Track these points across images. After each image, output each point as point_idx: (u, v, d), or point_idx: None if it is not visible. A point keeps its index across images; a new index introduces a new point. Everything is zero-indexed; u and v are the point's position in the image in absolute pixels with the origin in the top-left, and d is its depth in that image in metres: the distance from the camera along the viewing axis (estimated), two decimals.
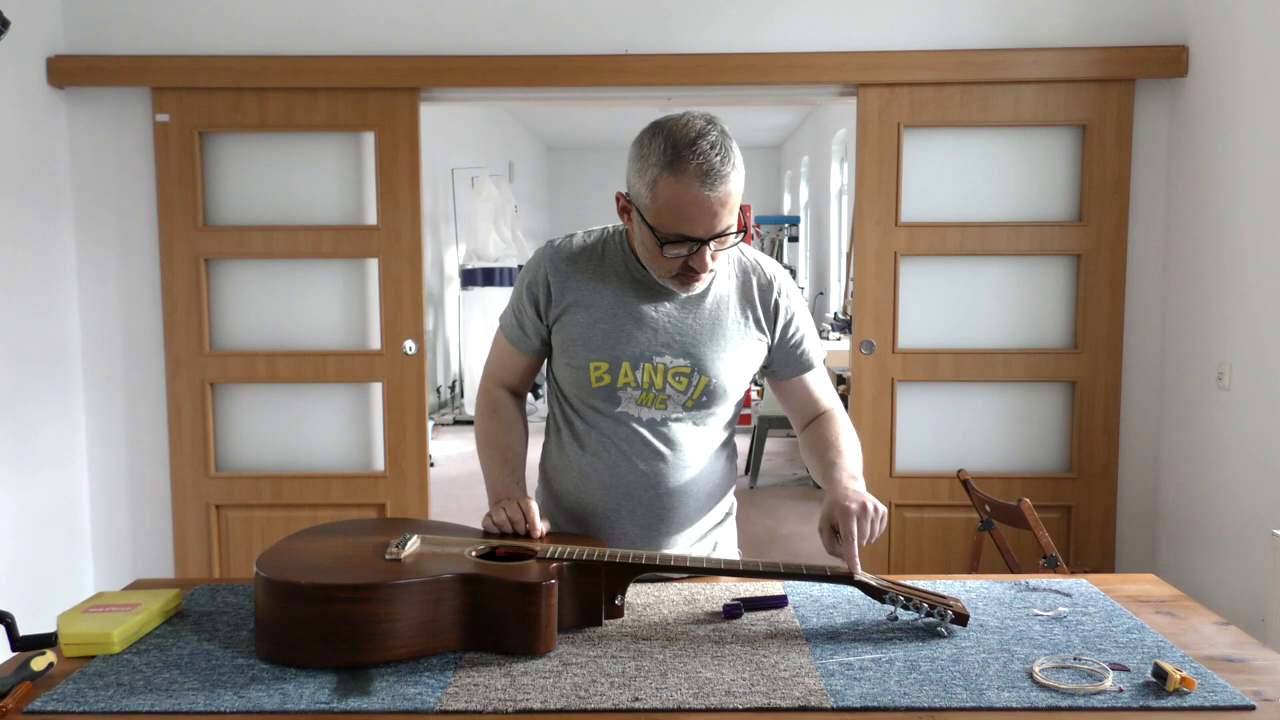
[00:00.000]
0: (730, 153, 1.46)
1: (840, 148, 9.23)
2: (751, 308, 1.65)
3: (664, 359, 1.60)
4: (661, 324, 1.60)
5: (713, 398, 1.63)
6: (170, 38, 3.48)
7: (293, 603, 1.28)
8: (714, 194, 1.44)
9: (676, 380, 1.60)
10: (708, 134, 1.45)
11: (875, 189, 3.53)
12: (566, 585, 1.38)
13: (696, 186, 1.43)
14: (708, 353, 1.61)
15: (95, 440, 3.64)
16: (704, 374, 1.60)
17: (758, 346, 1.66)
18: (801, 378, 1.72)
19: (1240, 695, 1.19)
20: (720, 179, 1.44)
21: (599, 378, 1.60)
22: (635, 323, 1.60)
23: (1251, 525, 2.99)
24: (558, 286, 1.63)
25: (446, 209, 8.77)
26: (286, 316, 3.66)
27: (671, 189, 1.45)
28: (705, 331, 1.61)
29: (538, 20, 3.49)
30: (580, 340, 1.61)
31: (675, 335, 1.60)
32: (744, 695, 1.20)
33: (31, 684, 1.23)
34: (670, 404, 1.61)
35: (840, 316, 7.51)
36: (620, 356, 1.59)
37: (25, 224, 3.33)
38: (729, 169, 1.45)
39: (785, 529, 5.19)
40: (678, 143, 1.44)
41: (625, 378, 1.60)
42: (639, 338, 1.59)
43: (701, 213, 1.45)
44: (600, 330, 1.60)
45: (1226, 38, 3.17)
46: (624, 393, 1.60)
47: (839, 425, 1.68)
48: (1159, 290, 3.54)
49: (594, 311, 1.61)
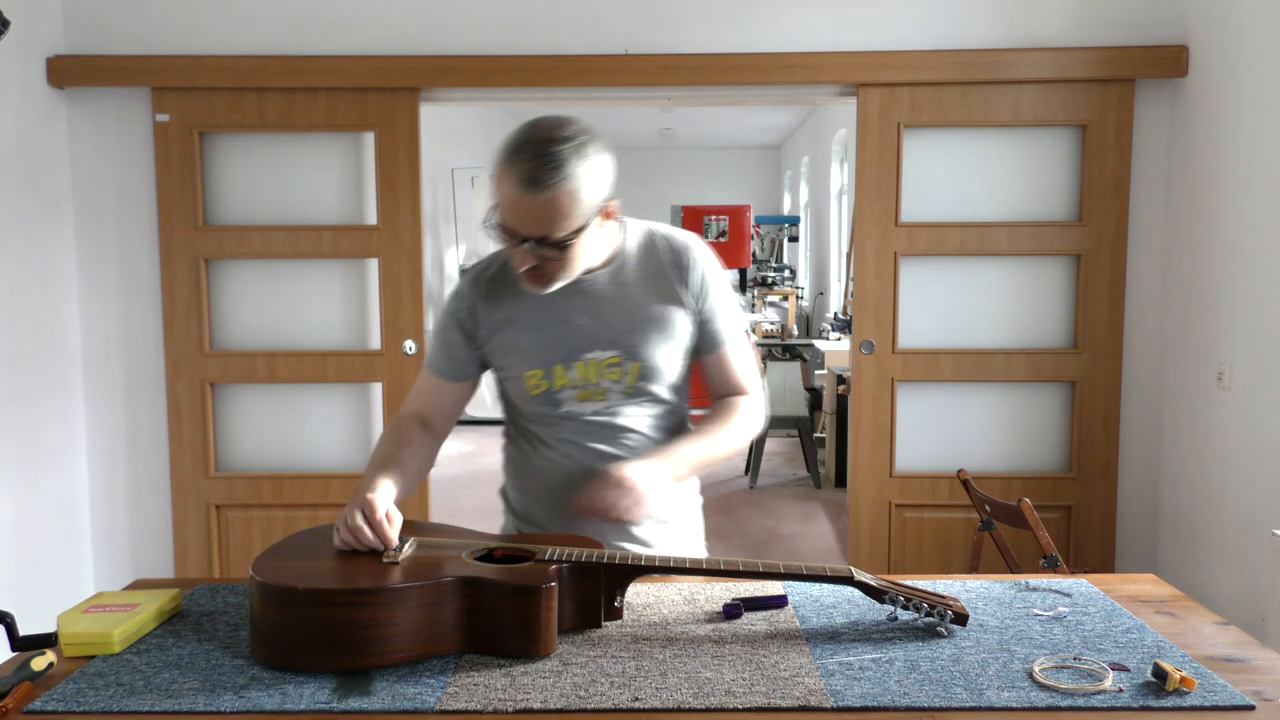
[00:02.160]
0: (565, 165, 1.43)
1: (840, 148, 9.23)
2: (666, 281, 1.65)
3: (593, 354, 1.62)
4: (584, 320, 1.62)
5: (649, 380, 1.64)
6: (170, 38, 3.49)
7: (289, 607, 1.27)
8: (529, 197, 1.44)
9: (610, 371, 1.63)
10: (558, 143, 1.44)
11: (875, 189, 3.53)
12: (566, 587, 1.37)
13: (514, 186, 1.44)
14: (633, 338, 1.62)
15: (95, 440, 3.64)
16: (634, 360, 1.62)
17: (682, 318, 1.66)
18: (715, 354, 1.70)
19: (1240, 695, 1.19)
20: (538, 185, 1.43)
21: (535, 385, 1.63)
22: (560, 325, 1.62)
23: (1251, 525, 2.99)
24: (484, 310, 1.66)
25: (446, 209, 8.77)
26: (286, 316, 3.66)
27: (500, 179, 1.47)
28: (627, 318, 1.62)
29: (538, 20, 3.49)
30: (513, 353, 1.64)
31: (599, 329, 1.62)
32: (744, 695, 1.20)
33: (31, 684, 1.23)
34: (610, 395, 1.64)
35: (840, 316, 7.51)
36: (551, 360, 1.62)
37: (25, 224, 3.33)
38: (555, 179, 1.43)
39: (785, 529, 5.19)
40: (520, 141, 1.46)
41: (561, 379, 1.62)
42: (565, 339, 1.62)
43: (519, 213, 1.46)
44: (529, 340, 1.63)
45: (1226, 38, 3.17)
46: (563, 394, 1.63)
47: (726, 412, 1.68)
48: (1159, 290, 3.54)
49: (520, 323, 1.63)
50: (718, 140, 13.55)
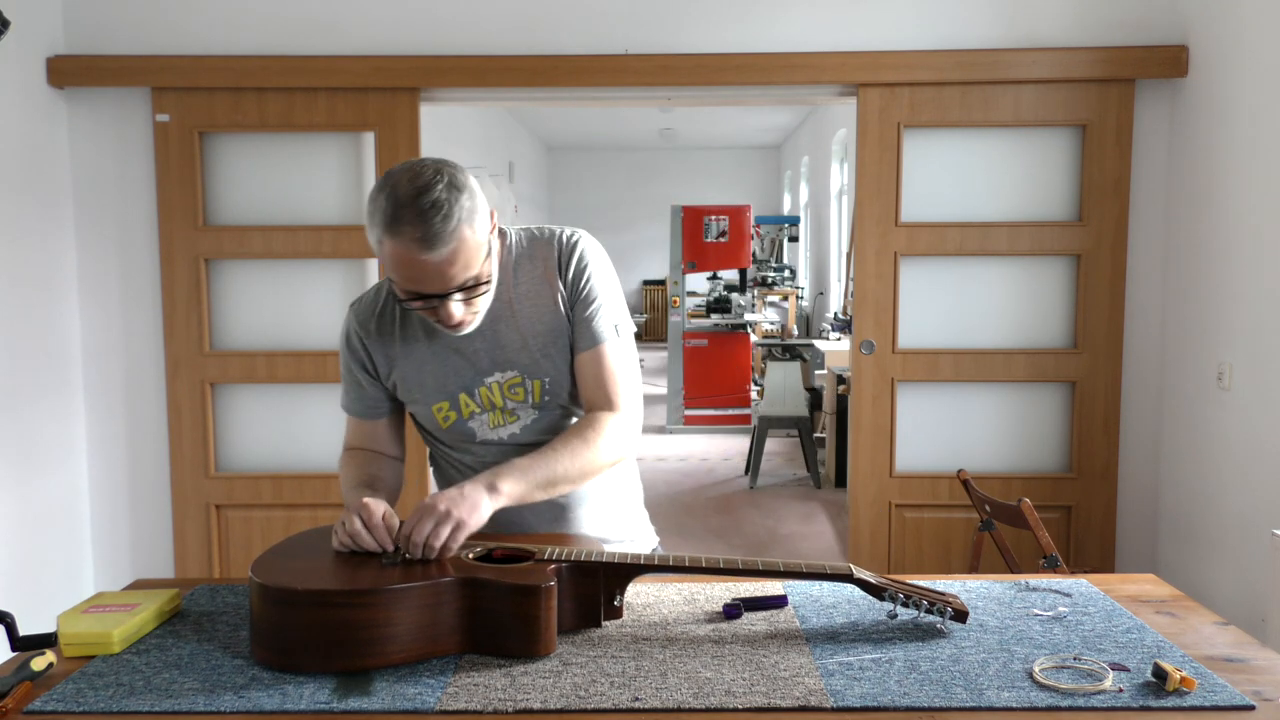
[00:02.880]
0: (453, 209, 1.38)
1: (840, 148, 9.23)
2: (546, 286, 1.59)
3: (494, 377, 1.59)
4: (475, 345, 1.58)
5: (554, 393, 1.61)
6: (170, 38, 3.49)
7: (289, 609, 1.27)
8: (435, 256, 1.38)
9: (513, 392, 1.60)
10: (430, 190, 1.37)
11: (875, 189, 3.53)
12: (565, 587, 1.37)
13: (415, 250, 1.38)
14: (529, 355, 1.59)
15: (95, 440, 3.64)
16: (535, 377, 1.59)
17: (565, 320, 1.60)
18: (586, 354, 1.58)
19: (1240, 695, 1.19)
20: (440, 239, 1.37)
21: (445, 417, 1.61)
22: (455, 354, 1.59)
23: (1251, 525, 2.99)
24: (375, 347, 1.63)
25: None
26: (286, 316, 3.66)
27: (393, 250, 1.39)
28: (519, 335, 1.59)
29: (538, 20, 3.49)
30: (415, 388, 1.62)
31: (494, 350, 1.59)
32: (744, 695, 1.20)
33: (31, 684, 1.23)
34: (520, 414, 1.61)
35: (840, 316, 7.51)
36: (454, 391, 1.60)
37: (25, 224, 3.33)
38: (450, 226, 1.37)
39: (785, 529, 5.19)
40: (398, 201, 1.38)
41: (469, 407, 1.60)
42: (462, 367, 1.59)
43: (426, 274, 1.41)
44: (428, 373, 1.60)
45: (1226, 38, 3.17)
46: (474, 421, 1.61)
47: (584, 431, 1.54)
48: (1159, 290, 3.54)
49: (414, 358, 1.61)
50: (718, 140, 13.55)
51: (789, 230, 11.47)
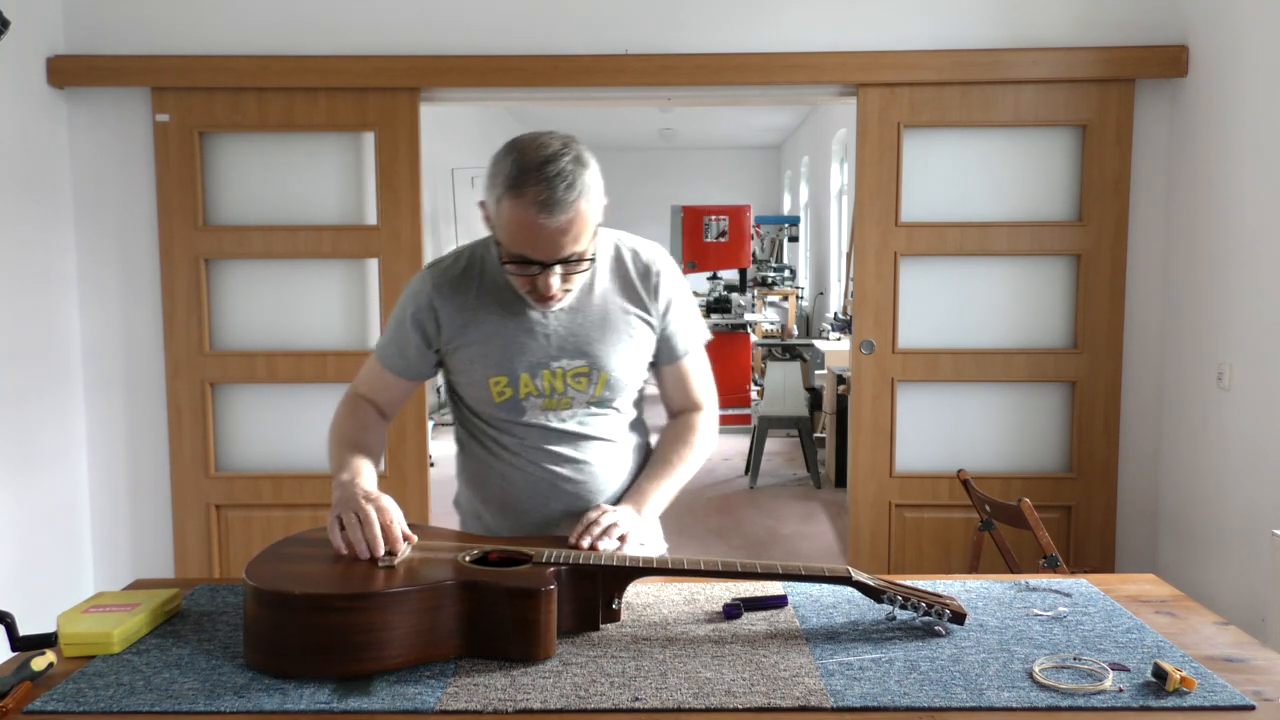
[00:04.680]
0: (575, 180, 1.43)
1: (840, 148, 9.23)
2: (634, 295, 1.65)
3: (560, 363, 1.61)
4: (552, 329, 1.60)
5: (615, 391, 1.65)
6: (170, 38, 3.49)
7: (284, 613, 1.26)
8: (553, 222, 1.43)
9: (576, 381, 1.62)
10: (557, 160, 1.43)
11: (875, 189, 3.53)
12: (564, 590, 1.37)
13: (535, 213, 1.42)
14: (602, 350, 1.62)
15: (95, 440, 3.64)
16: (602, 371, 1.62)
17: (647, 333, 1.67)
18: (675, 365, 1.72)
19: (1240, 695, 1.19)
20: (559, 207, 1.42)
21: (500, 392, 1.61)
22: (526, 332, 1.60)
23: (1251, 525, 2.99)
24: (446, 313, 1.63)
25: (446, 209, 8.77)
26: (286, 316, 3.66)
27: (512, 212, 1.44)
28: (595, 329, 1.62)
29: (538, 20, 3.49)
30: (477, 359, 1.61)
31: (568, 338, 1.61)
32: (744, 695, 1.20)
33: (31, 684, 1.23)
34: (575, 404, 1.63)
35: (840, 316, 7.51)
36: (518, 369, 1.60)
37: (25, 224, 3.33)
38: (573, 197, 1.43)
39: (785, 529, 5.19)
40: (524, 166, 1.43)
41: (526, 388, 1.61)
42: (532, 347, 1.60)
43: (539, 239, 1.45)
44: (494, 346, 1.60)
45: (1226, 38, 3.17)
46: (528, 402, 1.62)
47: (689, 440, 1.72)
48: (1159, 290, 3.54)
49: (485, 328, 1.61)
50: (718, 140, 13.55)
51: (789, 230, 11.47)
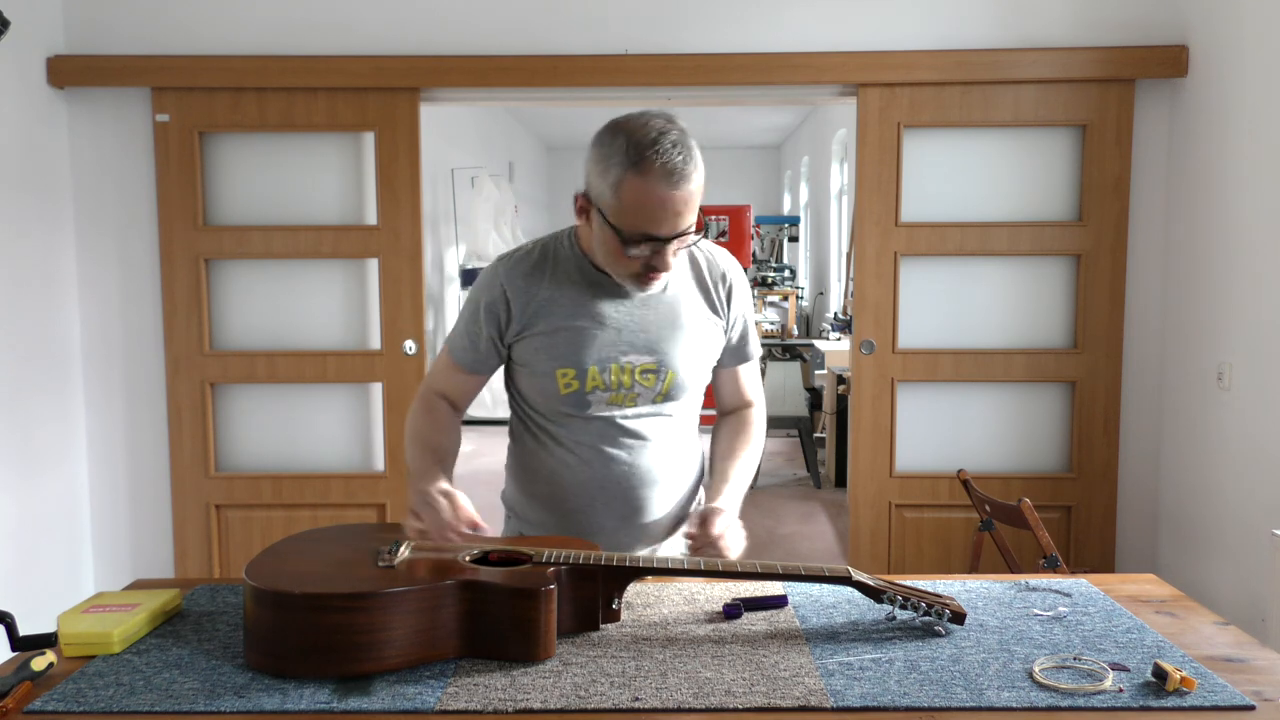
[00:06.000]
0: (691, 151, 1.46)
1: (840, 148, 9.23)
2: (707, 297, 1.68)
3: (630, 358, 1.61)
4: (623, 323, 1.61)
5: (680, 390, 1.65)
6: (170, 38, 3.49)
7: (284, 613, 1.25)
8: (678, 193, 1.45)
9: (644, 377, 1.62)
10: (669, 133, 1.45)
11: (875, 189, 3.53)
12: (564, 590, 1.36)
13: (661, 186, 1.44)
14: (672, 347, 1.62)
15: (95, 440, 3.64)
16: (670, 368, 1.62)
17: (717, 335, 1.70)
18: (736, 369, 1.78)
19: (1240, 695, 1.19)
20: (684, 178, 1.45)
21: (567, 384, 1.60)
22: (597, 325, 1.60)
23: (1251, 525, 2.99)
24: (519, 303, 1.62)
25: (446, 209, 8.76)
26: (286, 316, 3.66)
27: (636, 189, 1.44)
28: (666, 326, 1.63)
29: (538, 20, 3.49)
30: (544, 350, 1.61)
31: (638, 333, 1.61)
32: (744, 695, 1.20)
33: (31, 684, 1.23)
34: (640, 400, 1.64)
35: (840, 316, 7.50)
36: (586, 361, 1.59)
37: (25, 224, 3.33)
38: (691, 168, 1.45)
39: (785, 529, 5.19)
40: (640, 143, 1.44)
41: (594, 381, 1.60)
42: (602, 340, 1.60)
43: (666, 212, 1.46)
44: (563, 337, 1.60)
45: (1226, 38, 3.17)
46: (594, 396, 1.61)
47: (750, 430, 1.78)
48: (1159, 290, 3.54)
49: (555, 320, 1.60)
50: (718, 140, 13.54)
51: (789, 230, 11.46)
